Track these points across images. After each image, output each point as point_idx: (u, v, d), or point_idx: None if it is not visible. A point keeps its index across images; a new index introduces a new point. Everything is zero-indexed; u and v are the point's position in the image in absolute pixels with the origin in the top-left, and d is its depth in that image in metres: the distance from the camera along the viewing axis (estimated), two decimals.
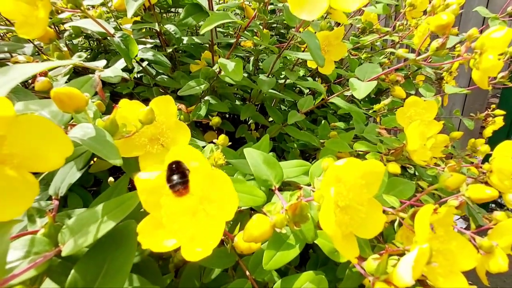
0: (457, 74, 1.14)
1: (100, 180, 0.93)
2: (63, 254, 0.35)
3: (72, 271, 0.35)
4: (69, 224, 0.37)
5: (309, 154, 1.12)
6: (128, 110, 0.45)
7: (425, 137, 0.61)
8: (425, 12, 0.98)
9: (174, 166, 0.32)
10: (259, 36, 0.81)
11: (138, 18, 1.05)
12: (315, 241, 0.44)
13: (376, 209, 0.34)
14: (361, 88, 0.59)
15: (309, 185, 0.58)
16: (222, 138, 0.53)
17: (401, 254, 0.38)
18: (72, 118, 0.43)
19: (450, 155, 1.01)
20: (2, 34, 0.81)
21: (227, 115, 1.15)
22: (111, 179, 0.86)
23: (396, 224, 0.42)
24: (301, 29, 0.62)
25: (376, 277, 0.32)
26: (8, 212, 0.28)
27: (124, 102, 0.45)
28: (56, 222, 0.43)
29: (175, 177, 0.31)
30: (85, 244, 0.35)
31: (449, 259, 0.35)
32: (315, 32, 0.70)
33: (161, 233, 0.31)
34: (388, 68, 0.99)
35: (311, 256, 0.79)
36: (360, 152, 0.80)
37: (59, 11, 0.53)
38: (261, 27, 1.04)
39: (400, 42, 0.98)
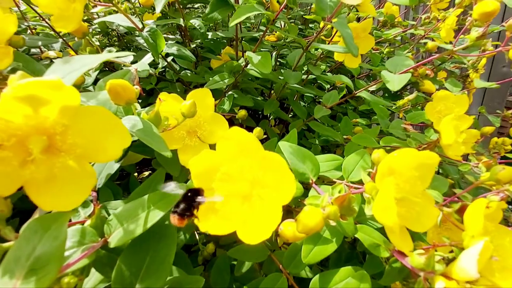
0: (483, 71, 1.11)
1: (124, 175, 0.94)
2: (112, 245, 0.35)
3: (118, 262, 0.35)
4: (115, 215, 0.38)
5: (329, 150, 1.11)
6: (166, 104, 0.45)
7: (459, 131, 0.60)
8: (452, 4, 0.96)
9: (190, 194, 0.32)
10: (283, 30, 0.80)
11: (159, 14, 1.06)
12: (356, 235, 0.43)
13: (429, 202, 0.33)
14: (394, 80, 0.58)
15: (341, 179, 0.57)
16: (258, 131, 0.53)
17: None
18: None
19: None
20: (33, 29, 0.82)
21: (247, 111, 1.14)
22: (135, 174, 0.87)
23: (439, 219, 0.41)
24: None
25: (428, 272, 0.31)
26: (69, 202, 0.28)
27: (163, 96, 0.45)
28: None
29: (181, 205, 0.31)
30: (133, 235, 0.35)
31: (502, 255, 0.34)
32: None
33: (214, 218, 0.31)
34: None
35: (330, 255, 0.78)
36: (387, 148, 0.79)
37: (93, 5, 0.54)
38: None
39: (426, 35, 0.96)
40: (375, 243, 0.42)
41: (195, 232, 0.67)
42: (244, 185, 0.31)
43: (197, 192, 0.32)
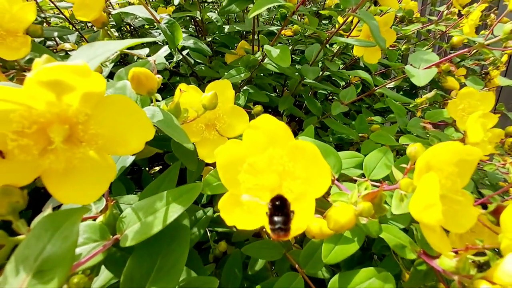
0: (504, 68, 1.08)
1: (135, 169, 0.94)
2: (127, 243, 0.34)
3: (127, 263, 0.33)
4: (129, 212, 0.36)
5: (342, 149, 1.09)
6: (185, 95, 0.44)
7: (486, 129, 0.57)
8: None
9: (277, 202, 0.28)
10: (302, 24, 0.78)
11: (173, 8, 1.04)
12: (380, 235, 0.41)
13: (468, 200, 0.31)
14: (420, 75, 0.56)
15: (360, 177, 0.55)
16: None
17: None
18: None
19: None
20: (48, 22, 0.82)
21: None
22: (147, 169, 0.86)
23: None
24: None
25: (465, 276, 0.30)
26: (88, 195, 0.27)
27: (183, 86, 0.43)
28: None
29: (277, 219, 0.28)
30: (150, 234, 0.33)
31: None
32: None
33: (239, 211, 0.30)
34: None
35: None
36: (405, 147, 0.76)
37: None
38: (299, 15, 1.02)
39: (448, 31, 0.93)
40: (400, 244, 0.40)
41: (207, 230, 0.66)
42: (272, 178, 0.29)
43: (284, 198, 0.29)
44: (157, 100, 0.41)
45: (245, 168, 0.29)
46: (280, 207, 0.28)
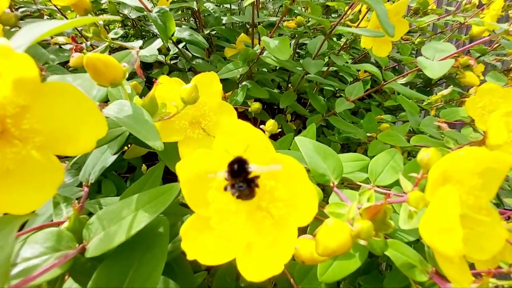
0: None
1: (133, 167, 0.90)
2: (88, 254, 0.30)
3: (94, 276, 0.29)
4: (96, 218, 0.32)
5: (349, 149, 1.03)
6: (167, 89, 0.39)
7: (510, 130, 0.51)
8: None
9: (235, 166, 0.23)
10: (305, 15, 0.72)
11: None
12: (386, 252, 0.36)
13: (494, 219, 0.25)
14: (433, 67, 0.50)
15: (365, 182, 0.50)
16: (271, 124, 0.46)
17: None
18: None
19: None
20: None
21: (263, 105, 1.08)
22: (144, 166, 0.82)
23: None
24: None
25: None
26: (26, 203, 0.22)
27: (163, 79, 0.39)
28: (82, 215, 0.39)
29: (239, 187, 0.23)
30: (113, 245, 0.29)
31: None
32: None
33: (208, 238, 0.25)
34: None
35: None
36: (417, 148, 0.70)
37: None
38: (303, 8, 0.96)
39: (466, 23, 0.85)
40: (409, 263, 0.35)
41: None
42: None
43: (242, 159, 0.24)
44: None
45: (216, 184, 0.24)
46: (238, 172, 0.23)
